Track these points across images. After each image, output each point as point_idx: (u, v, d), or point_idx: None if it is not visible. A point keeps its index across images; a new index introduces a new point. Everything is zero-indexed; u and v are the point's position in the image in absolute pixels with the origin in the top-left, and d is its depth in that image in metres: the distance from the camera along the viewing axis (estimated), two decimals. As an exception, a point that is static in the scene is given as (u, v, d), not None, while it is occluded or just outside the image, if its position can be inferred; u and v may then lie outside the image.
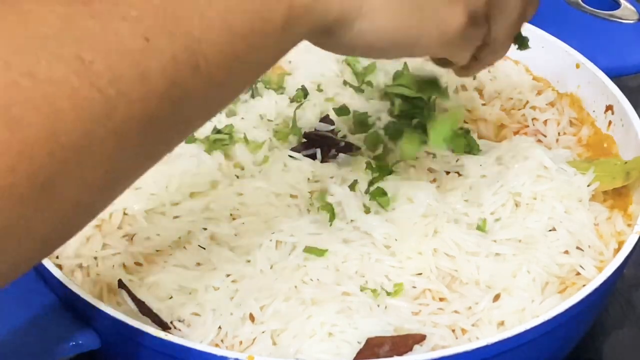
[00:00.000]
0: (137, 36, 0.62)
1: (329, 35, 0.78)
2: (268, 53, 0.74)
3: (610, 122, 1.16)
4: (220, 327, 0.92)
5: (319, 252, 0.98)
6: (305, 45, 1.24)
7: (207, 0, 0.66)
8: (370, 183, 1.05)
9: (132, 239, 1.00)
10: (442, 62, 0.96)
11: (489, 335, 0.90)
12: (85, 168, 0.61)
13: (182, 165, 1.05)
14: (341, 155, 1.09)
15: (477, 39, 0.89)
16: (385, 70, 1.20)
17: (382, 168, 1.06)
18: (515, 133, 1.17)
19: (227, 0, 0.67)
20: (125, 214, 1.02)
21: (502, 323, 0.94)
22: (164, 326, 0.92)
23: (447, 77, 1.21)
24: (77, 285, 0.92)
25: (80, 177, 0.61)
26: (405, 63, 1.16)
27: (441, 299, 0.96)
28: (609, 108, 1.16)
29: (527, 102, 1.21)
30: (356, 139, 1.11)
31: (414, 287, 0.97)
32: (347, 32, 0.78)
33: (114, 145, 0.62)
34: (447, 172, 1.09)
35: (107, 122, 0.60)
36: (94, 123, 0.60)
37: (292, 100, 1.16)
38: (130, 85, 0.61)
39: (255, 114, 1.14)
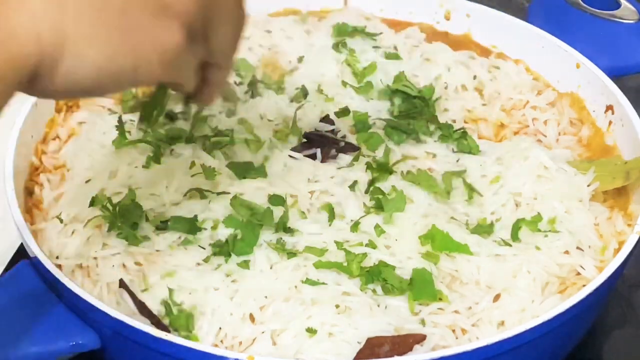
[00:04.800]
0: None
1: (36, 81, 0.71)
2: None
3: (610, 122, 1.16)
4: (220, 328, 0.92)
5: (319, 252, 0.98)
6: (304, 46, 1.26)
7: None
8: (370, 183, 1.05)
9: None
10: (175, 87, 0.87)
11: (489, 335, 0.90)
12: None
13: (182, 165, 1.05)
14: (341, 155, 1.09)
15: (198, 55, 0.81)
16: (385, 71, 1.20)
17: (382, 168, 1.06)
18: (516, 133, 1.17)
19: None
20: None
21: (502, 323, 0.94)
22: (164, 327, 0.92)
23: (446, 76, 1.22)
24: (77, 285, 0.93)
25: None
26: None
27: (441, 299, 0.95)
28: (609, 108, 1.16)
29: (527, 102, 1.21)
30: (356, 139, 1.11)
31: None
32: (55, 74, 0.71)
33: None
34: (447, 172, 1.09)
35: None
36: None
37: (292, 100, 1.16)
38: None
39: (255, 114, 1.14)
